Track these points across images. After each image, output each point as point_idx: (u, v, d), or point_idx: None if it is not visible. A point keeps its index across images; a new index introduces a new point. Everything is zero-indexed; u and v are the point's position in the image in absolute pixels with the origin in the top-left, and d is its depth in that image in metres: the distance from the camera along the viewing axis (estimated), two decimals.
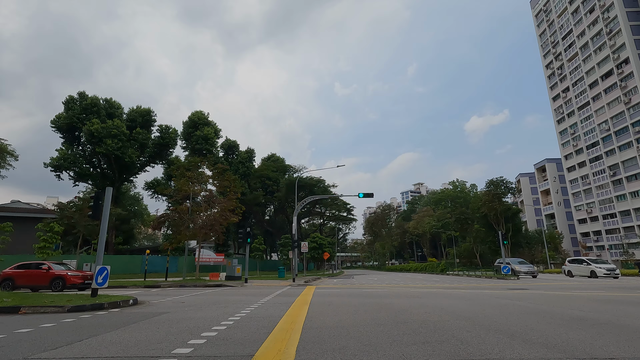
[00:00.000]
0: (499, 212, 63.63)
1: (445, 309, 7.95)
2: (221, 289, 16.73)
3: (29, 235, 31.59)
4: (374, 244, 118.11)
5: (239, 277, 24.43)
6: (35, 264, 18.35)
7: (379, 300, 10.14)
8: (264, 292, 14.36)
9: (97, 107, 38.51)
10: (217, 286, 19.45)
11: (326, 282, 25.28)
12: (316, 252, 48.09)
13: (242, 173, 54.90)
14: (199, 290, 16.60)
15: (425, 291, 13.92)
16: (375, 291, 14.23)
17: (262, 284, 20.27)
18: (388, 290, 14.94)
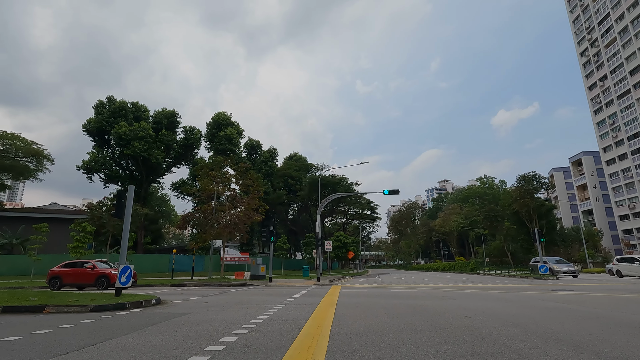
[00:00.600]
0: (531, 208, 60.71)
1: (487, 312, 7.20)
2: (245, 289, 16.51)
3: (63, 236, 32.87)
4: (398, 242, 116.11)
5: (263, 276, 24.23)
6: (81, 262, 18.85)
7: (411, 301, 9.46)
8: (288, 291, 13.96)
9: (125, 111, 39.64)
10: (242, 285, 19.28)
11: (351, 281, 24.68)
12: (340, 251, 47.48)
13: (265, 172, 55.08)
14: (223, 289, 16.44)
15: (459, 292, 13.06)
16: (405, 291, 13.50)
17: (286, 284, 19.94)
18: (418, 290, 14.16)
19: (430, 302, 9.14)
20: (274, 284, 19.84)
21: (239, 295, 12.49)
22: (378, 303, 9.09)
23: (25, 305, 8.07)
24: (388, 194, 23.32)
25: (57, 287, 17.57)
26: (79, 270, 18.24)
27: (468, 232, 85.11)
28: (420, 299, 10.07)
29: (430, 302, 9.14)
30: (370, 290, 14.33)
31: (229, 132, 47.90)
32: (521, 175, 62.88)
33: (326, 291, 13.96)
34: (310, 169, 61.75)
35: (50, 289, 17.45)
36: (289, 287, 17.63)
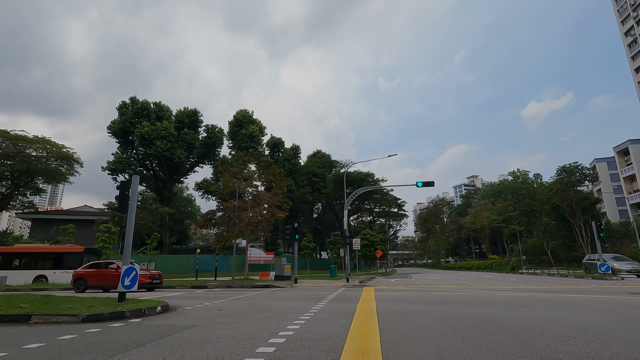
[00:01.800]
0: (574, 202, 56.23)
1: (591, 329, 5.25)
2: (268, 291, 15.06)
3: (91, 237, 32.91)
4: (427, 241, 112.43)
5: (289, 276, 22.81)
6: (105, 263, 18.09)
7: (470, 310, 7.58)
8: (316, 294, 12.35)
9: (147, 111, 39.52)
10: (265, 287, 17.89)
11: (383, 282, 22.80)
12: (368, 249, 45.49)
13: (288, 170, 53.90)
14: (245, 291, 15.08)
15: (520, 296, 10.97)
16: (451, 295, 11.55)
17: (313, 285, 18.36)
18: (467, 293, 12.16)
19: (496, 311, 7.24)
20: (299, 285, 18.33)
21: (260, 299, 11.00)
22: (429, 312, 7.29)
23: (10, 314, 6.89)
24: (422, 186, 21.28)
25: (82, 288, 16.81)
26: (103, 272, 17.40)
27: (502, 229, 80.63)
28: (479, 307, 8.16)
29: (496, 311, 7.24)
30: (409, 294, 12.47)
31: (251, 129, 47.01)
32: (561, 167, 58.36)
33: (359, 294, 12.25)
34: (334, 165, 60.03)
35: (75, 290, 16.72)
36: (316, 289, 16.04)
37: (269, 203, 25.35)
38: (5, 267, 21.07)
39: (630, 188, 72.23)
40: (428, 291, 13.69)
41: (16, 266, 21.41)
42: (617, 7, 70.55)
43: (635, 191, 70.71)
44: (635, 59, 66.46)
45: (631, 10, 66.15)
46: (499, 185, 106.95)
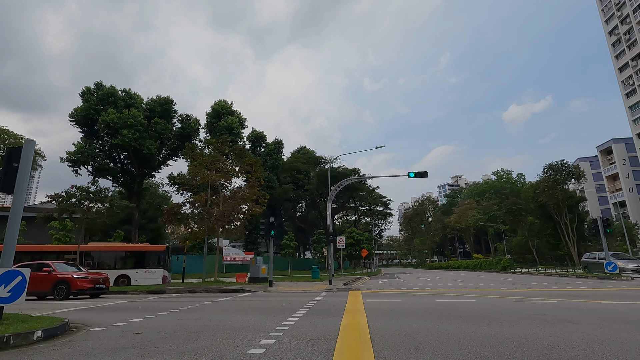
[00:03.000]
0: (560, 200, 55.62)
1: None
2: (234, 297, 12.48)
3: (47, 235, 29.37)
4: (412, 240, 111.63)
5: (265, 278, 20.26)
6: (37, 264, 14.99)
7: (501, 330, 5.23)
8: (290, 303, 9.86)
9: (114, 97, 36.06)
10: (234, 291, 15.28)
11: (370, 283, 20.51)
12: (353, 248, 43.29)
13: (270, 165, 51.15)
14: (207, 297, 12.45)
15: (548, 304, 8.75)
16: (459, 303, 9.26)
17: (290, 288, 15.86)
18: (476, 300, 9.90)
19: (544, 333, 4.91)
20: (275, 288, 15.79)
21: (213, 311, 8.42)
22: (447, 335, 4.91)
23: None
24: (414, 177, 19.08)
25: None
26: (33, 275, 14.39)
27: (486, 228, 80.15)
28: (512, 324, 5.83)
29: (544, 333, 4.91)
30: (405, 301, 10.13)
31: (230, 121, 44.03)
32: (548, 165, 57.80)
33: (344, 302, 9.84)
34: (319, 162, 57.59)
35: None
36: (293, 294, 13.56)
37: (245, 196, 22.72)
38: (103, 266, 20.25)
39: (612, 187, 72.68)
40: (427, 296, 11.40)
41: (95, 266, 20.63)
42: (601, 6, 70.79)
43: (617, 190, 71.12)
44: (620, 58, 66.70)
45: (615, 10, 66.35)
46: (483, 184, 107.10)
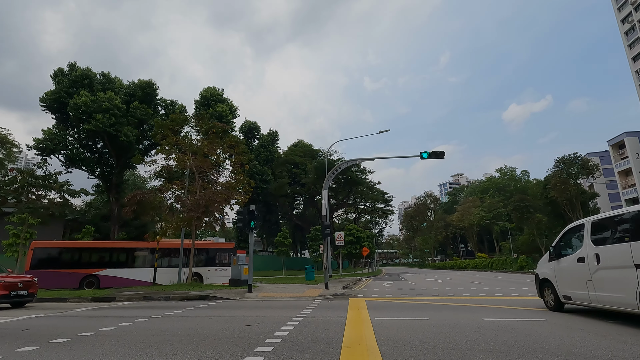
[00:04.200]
0: (573, 196, 52.35)
1: None
2: (195, 309, 9.05)
3: None
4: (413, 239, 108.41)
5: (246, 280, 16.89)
6: None
7: None
8: (259, 323, 6.44)
9: (90, 80, 32.56)
10: (201, 299, 11.87)
11: (373, 287, 17.14)
12: (353, 247, 39.89)
13: (264, 158, 47.75)
14: (160, 308, 9.06)
15: None
16: (530, 323, 5.86)
17: (273, 295, 12.43)
18: (547, 320, 6.49)
19: None
20: (254, 295, 12.37)
21: (118, 343, 4.98)
22: None
23: None
24: (427, 158, 15.71)
25: None
26: None
27: (490, 226, 76.99)
28: None
29: None
30: (435, 317, 6.72)
31: (220, 109, 40.56)
32: (560, 158, 54.56)
33: (341, 321, 6.43)
34: (317, 155, 54.15)
35: None
36: (275, 303, 10.17)
37: (227, 184, 19.35)
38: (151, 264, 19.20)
39: (625, 183, 69.29)
40: (461, 309, 8.00)
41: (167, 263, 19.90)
42: None
43: (630, 186, 67.78)
44: (633, 47, 63.40)
45: None
46: (486, 182, 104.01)
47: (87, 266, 18.50)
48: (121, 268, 18.90)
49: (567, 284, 6.97)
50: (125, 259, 19.40)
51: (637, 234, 5.38)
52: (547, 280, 7.68)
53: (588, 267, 6.25)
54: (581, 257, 6.46)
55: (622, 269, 5.57)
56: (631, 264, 5.35)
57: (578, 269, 6.54)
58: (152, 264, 19.24)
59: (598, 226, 6.34)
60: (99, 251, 19.42)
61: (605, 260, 5.93)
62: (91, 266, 18.60)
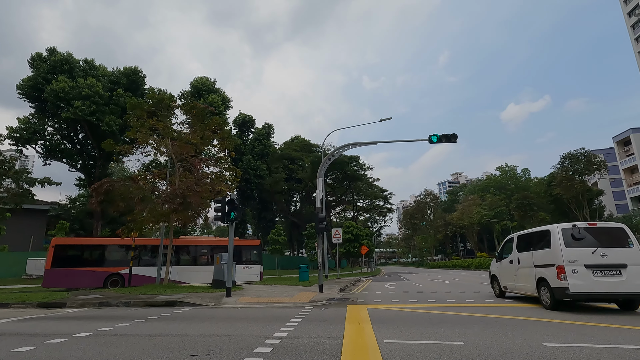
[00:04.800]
0: (580, 193, 50.53)
1: None
2: (147, 320, 6.97)
3: None
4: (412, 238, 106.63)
5: (233, 282, 14.85)
6: None
7: None
8: (220, 349, 4.38)
9: (70, 66, 30.32)
10: (168, 305, 9.80)
11: (374, 288, 15.13)
12: (351, 245, 37.83)
13: (259, 152, 45.60)
14: (107, 319, 6.99)
15: None
16: None
17: (256, 300, 10.35)
18: None
19: None
20: (234, 300, 10.31)
21: None
22: None
23: None
24: (436, 142, 13.70)
25: None
26: None
27: (492, 225, 75.15)
28: None
29: None
30: (474, 339, 4.68)
31: (211, 99, 38.42)
32: (566, 154, 52.65)
33: (336, 344, 4.38)
34: (314, 149, 52.05)
35: None
36: (255, 312, 8.11)
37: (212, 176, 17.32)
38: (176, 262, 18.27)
39: (630, 180, 67.51)
40: (502, 325, 5.96)
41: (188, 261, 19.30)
42: None
43: (636, 183, 66.02)
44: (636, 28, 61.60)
45: None
46: (486, 180, 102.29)
47: (111, 264, 17.81)
48: (147, 266, 17.98)
49: (504, 278, 10.01)
50: (150, 257, 18.58)
51: (536, 245, 8.36)
52: (495, 276, 10.78)
53: (515, 266, 9.25)
54: (511, 260, 9.46)
55: (529, 268, 8.45)
56: (532, 265, 8.31)
57: (510, 268, 9.59)
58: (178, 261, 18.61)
59: (520, 239, 9.33)
60: (123, 248, 18.40)
61: (521, 262, 8.93)
62: (115, 264, 17.84)
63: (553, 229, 7.87)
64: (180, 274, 18.03)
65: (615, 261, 7.18)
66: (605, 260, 7.20)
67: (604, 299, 7.45)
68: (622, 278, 7.05)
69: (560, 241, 7.55)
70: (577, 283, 7.09)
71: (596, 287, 7.04)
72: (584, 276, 7.13)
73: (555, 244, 7.63)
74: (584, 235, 7.55)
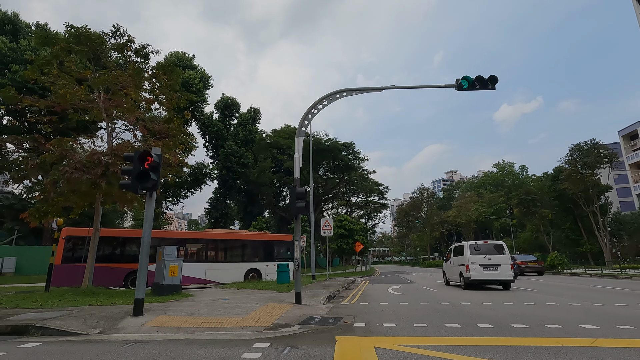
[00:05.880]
0: (591, 187, 47.03)
1: None
2: None
3: None
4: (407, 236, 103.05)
5: (176, 286, 10.53)
6: None
7: None
8: None
9: (14, 27, 25.56)
10: (15, 333, 5.46)
11: (374, 295, 10.95)
12: (344, 241, 33.64)
13: (243, 138, 41.00)
14: None
15: None
16: None
17: (181, 324, 6.03)
18: None
19: None
20: (139, 323, 5.98)
21: None
22: None
23: None
24: (467, 89, 9.54)
25: None
26: None
27: (490, 222, 71.73)
28: None
29: None
30: None
31: (188, 75, 33.84)
32: (575, 145, 49.09)
33: None
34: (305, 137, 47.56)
35: None
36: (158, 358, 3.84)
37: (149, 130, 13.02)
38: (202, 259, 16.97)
39: (637, 176, 64.40)
40: None
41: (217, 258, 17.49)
42: None
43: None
44: None
45: None
46: (483, 177, 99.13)
47: (133, 259, 14.83)
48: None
49: (449, 273, 15.69)
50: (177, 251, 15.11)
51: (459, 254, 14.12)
52: (444, 272, 16.62)
53: (452, 265, 14.94)
54: (452, 261, 15.11)
55: (456, 266, 14.19)
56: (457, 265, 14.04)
57: (451, 267, 15.17)
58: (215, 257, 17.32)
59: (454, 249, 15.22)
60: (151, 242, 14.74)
61: (453, 263, 14.77)
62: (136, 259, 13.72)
63: (465, 245, 13.72)
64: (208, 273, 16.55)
65: (495, 262, 12.85)
66: (490, 262, 12.88)
67: (490, 282, 13.14)
68: (498, 271, 12.79)
69: (468, 251, 13.20)
70: (475, 274, 12.80)
71: (485, 276, 12.82)
72: (479, 271, 12.80)
73: (466, 253, 13.28)
74: (480, 248, 13.28)
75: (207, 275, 16.46)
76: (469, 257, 12.86)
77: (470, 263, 12.74)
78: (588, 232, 49.33)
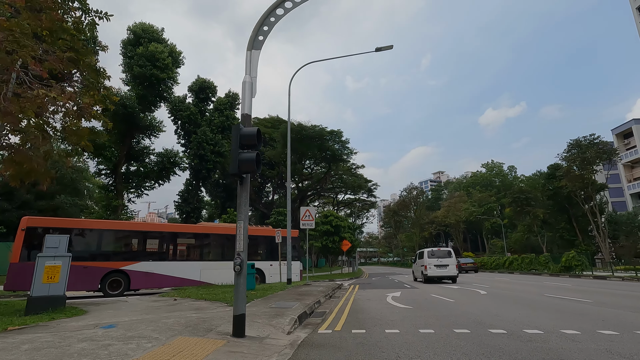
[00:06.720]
0: (590, 184, 44.79)
1: None
2: None
3: None
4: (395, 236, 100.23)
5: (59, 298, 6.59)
6: None
7: None
8: None
9: None
10: None
11: (369, 306, 7.30)
12: (330, 239, 29.94)
13: (219, 125, 36.78)
14: None
15: None
16: None
17: None
18: None
19: None
20: None
21: None
22: None
23: None
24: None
25: None
26: None
27: (480, 223, 69.40)
28: None
29: None
30: None
31: (153, 48, 29.52)
32: (574, 141, 46.82)
33: None
34: None
35: None
36: None
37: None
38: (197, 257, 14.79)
39: (630, 176, 62.84)
40: None
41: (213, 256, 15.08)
42: None
43: (636, 179, 61.50)
44: None
45: None
46: (471, 177, 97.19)
47: (111, 257, 12.91)
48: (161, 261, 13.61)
49: (416, 272, 21.06)
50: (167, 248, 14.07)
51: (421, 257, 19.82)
52: (413, 271, 22.67)
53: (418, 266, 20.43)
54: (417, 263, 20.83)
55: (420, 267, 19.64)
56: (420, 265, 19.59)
57: (416, 267, 21.04)
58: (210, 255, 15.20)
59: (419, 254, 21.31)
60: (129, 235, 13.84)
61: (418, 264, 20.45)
62: (117, 257, 13.06)
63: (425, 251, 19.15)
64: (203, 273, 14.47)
65: (445, 263, 17.88)
66: (441, 263, 17.93)
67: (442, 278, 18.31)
68: (447, 270, 17.75)
69: (426, 255, 18.53)
70: (431, 272, 17.80)
71: (438, 274, 17.85)
72: (433, 269, 17.84)
73: (425, 256, 18.62)
74: (435, 253, 18.50)
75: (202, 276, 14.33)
76: (427, 260, 18.28)
77: (428, 264, 18.09)
78: (583, 233, 47.17)
